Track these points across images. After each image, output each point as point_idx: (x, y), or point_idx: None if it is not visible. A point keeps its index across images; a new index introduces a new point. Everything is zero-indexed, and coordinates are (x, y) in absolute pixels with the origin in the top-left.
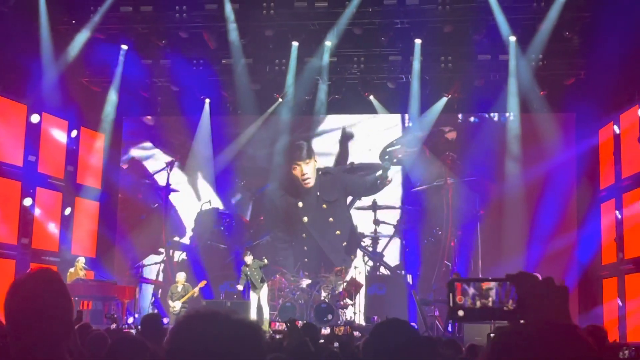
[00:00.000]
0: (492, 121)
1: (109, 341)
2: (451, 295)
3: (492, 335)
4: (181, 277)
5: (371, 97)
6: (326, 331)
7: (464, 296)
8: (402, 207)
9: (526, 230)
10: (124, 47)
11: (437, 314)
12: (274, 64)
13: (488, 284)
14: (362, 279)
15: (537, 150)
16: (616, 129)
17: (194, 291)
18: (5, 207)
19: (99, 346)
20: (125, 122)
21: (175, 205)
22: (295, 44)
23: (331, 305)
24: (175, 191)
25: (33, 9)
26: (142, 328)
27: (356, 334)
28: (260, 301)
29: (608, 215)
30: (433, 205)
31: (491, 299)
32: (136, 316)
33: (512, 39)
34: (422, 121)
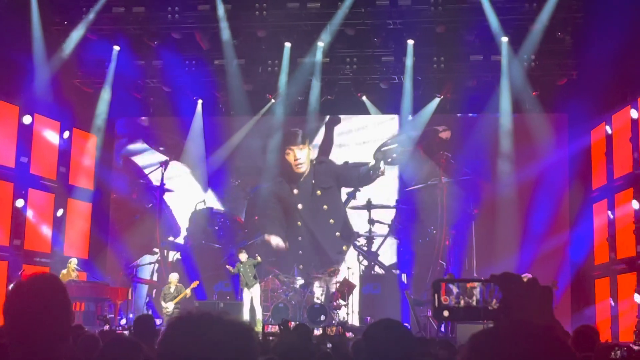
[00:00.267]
0: (485, 121)
1: (100, 343)
2: (436, 295)
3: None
4: (174, 277)
5: (364, 98)
6: (318, 332)
7: (448, 296)
8: (396, 206)
9: (519, 230)
10: (117, 48)
11: (430, 314)
12: (267, 64)
13: (473, 284)
14: (355, 279)
15: (529, 151)
16: (608, 129)
17: (186, 292)
18: None
19: (90, 348)
20: (117, 123)
21: (169, 205)
22: (287, 44)
23: (324, 306)
24: (169, 191)
25: (25, 10)
26: (134, 329)
27: (349, 334)
28: (253, 302)
29: (600, 216)
30: (427, 204)
31: (475, 298)
32: (131, 316)
33: (505, 39)
34: (415, 121)
